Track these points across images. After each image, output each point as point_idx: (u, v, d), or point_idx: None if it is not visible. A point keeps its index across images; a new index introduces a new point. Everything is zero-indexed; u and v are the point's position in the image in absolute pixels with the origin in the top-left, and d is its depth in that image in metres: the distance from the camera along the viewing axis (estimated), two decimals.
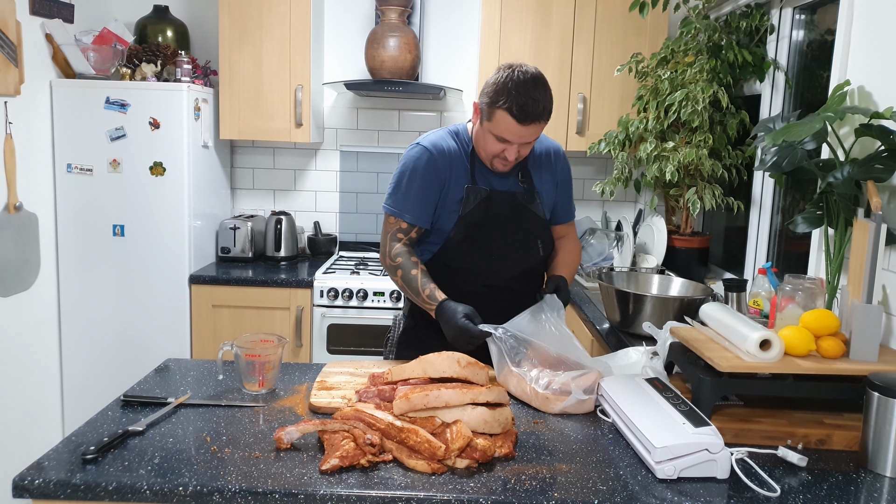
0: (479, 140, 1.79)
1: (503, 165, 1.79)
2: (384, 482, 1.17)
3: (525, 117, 1.66)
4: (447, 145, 1.84)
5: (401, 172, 1.83)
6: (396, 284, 1.84)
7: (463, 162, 1.83)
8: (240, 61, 3.17)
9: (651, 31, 3.12)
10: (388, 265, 1.84)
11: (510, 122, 1.67)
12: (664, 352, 1.66)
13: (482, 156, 1.81)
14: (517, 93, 1.65)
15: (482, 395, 1.32)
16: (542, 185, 1.91)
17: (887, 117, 1.56)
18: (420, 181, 1.80)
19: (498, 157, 1.76)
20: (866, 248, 1.49)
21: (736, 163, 2.77)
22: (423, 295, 1.73)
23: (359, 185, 3.63)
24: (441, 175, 1.81)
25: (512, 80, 1.67)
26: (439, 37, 3.52)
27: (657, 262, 2.90)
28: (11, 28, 2.58)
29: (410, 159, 1.83)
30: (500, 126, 1.69)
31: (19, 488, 1.15)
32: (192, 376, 1.65)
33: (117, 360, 3.02)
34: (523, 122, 1.67)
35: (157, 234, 2.98)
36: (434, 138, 1.85)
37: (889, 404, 1.26)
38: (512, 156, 1.74)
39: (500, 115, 1.67)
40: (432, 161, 1.80)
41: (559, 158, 1.95)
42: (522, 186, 1.87)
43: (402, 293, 1.91)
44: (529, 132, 1.70)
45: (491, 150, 1.76)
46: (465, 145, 1.85)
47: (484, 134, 1.75)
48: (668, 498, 1.15)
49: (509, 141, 1.71)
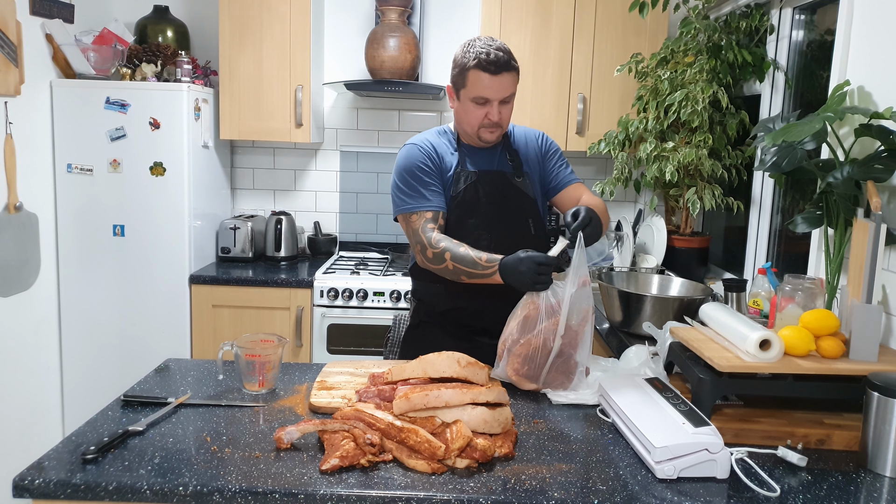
0: (461, 118, 1.85)
1: (490, 133, 1.83)
2: (384, 482, 1.17)
3: (496, 67, 1.75)
4: (434, 139, 1.91)
5: (399, 173, 1.86)
6: (445, 272, 1.76)
7: (450, 151, 1.90)
8: (240, 61, 3.17)
9: (651, 31, 3.12)
10: (431, 256, 1.77)
11: (483, 77, 1.76)
12: (664, 352, 1.66)
13: (468, 132, 1.86)
14: (482, 49, 1.76)
15: (482, 395, 1.32)
16: (529, 164, 1.95)
17: (887, 117, 1.56)
18: (420, 172, 1.83)
19: (482, 125, 1.81)
20: (866, 248, 1.49)
21: (736, 163, 2.77)
22: (483, 262, 1.69)
23: (359, 185, 3.63)
24: (435, 163, 1.86)
25: (473, 44, 1.79)
26: (439, 37, 3.52)
27: (657, 262, 2.90)
28: (11, 28, 2.58)
29: (403, 158, 1.87)
30: (476, 86, 1.77)
31: (19, 488, 1.15)
32: (192, 376, 1.65)
33: (117, 360, 3.02)
34: (495, 72, 1.75)
35: (157, 234, 2.98)
36: (419, 136, 1.93)
37: (889, 404, 1.26)
38: (494, 115, 1.79)
39: (474, 75, 1.77)
40: (423, 151, 1.86)
41: (542, 138, 2.01)
42: (510, 164, 1.91)
43: (451, 278, 1.77)
44: (504, 83, 1.77)
45: (474, 118, 1.81)
46: (451, 137, 1.93)
47: (464, 106, 1.82)
48: (667, 498, 1.15)
49: (488, 98, 1.77)
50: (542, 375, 1.59)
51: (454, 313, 1.92)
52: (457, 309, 1.91)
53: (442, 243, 1.75)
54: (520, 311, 1.62)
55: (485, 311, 1.87)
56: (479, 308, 1.87)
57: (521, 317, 1.60)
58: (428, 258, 1.78)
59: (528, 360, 1.58)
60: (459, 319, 1.92)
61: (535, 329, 1.57)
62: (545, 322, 1.57)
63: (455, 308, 1.91)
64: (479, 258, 1.70)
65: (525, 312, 1.59)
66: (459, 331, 1.91)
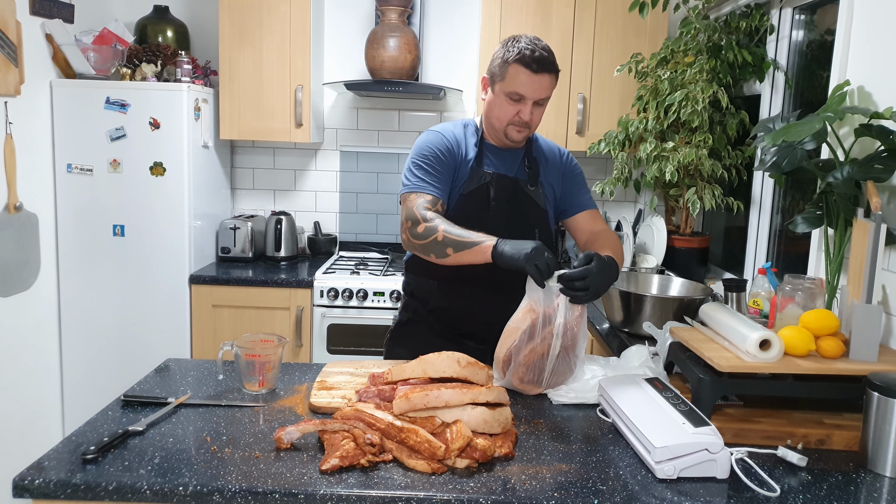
0: (492, 110, 1.82)
1: (518, 132, 1.80)
2: (384, 482, 1.17)
3: (539, 66, 1.72)
4: (457, 131, 1.89)
5: (415, 155, 1.83)
6: (432, 247, 1.67)
7: (472, 146, 1.87)
8: (240, 61, 3.17)
9: (651, 31, 3.12)
10: (420, 231, 1.68)
11: (524, 73, 1.73)
12: (664, 352, 1.66)
13: (496, 127, 1.83)
14: (527, 46, 1.74)
15: (482, 395, 1.32)
16: (547, 176, 1.92)
17: (887, 117, 1.56)
18: (435, 159, 1.81)
19: (512, 122, 1.79)
20: (866, 248, 1.49)
21: (736, 163, 2.77)
22: (474, 238, 1.62)
23: (359, 185, 3.63)
24: (453, 155, 1.83)
25: (520, 40, 1.76)
26: (439, 37, 3.52)
27: (657, 262, 2.90)
28: (11, 28, 2.58)
29: (423, 142, 1.84)
30: (515, 81, 1.74)
31: (19, 488, 1.15)
32: (192, 376, 1.65)
33: (117, 360, 3.02)
34: (537, 70, 1.73)
35: (157, 234, 2.98)
36: (444, 125, 1.91)
37: (889, 404, 1.26)
38: (526, 115, 1.77)
39: (514, 69, 1.74)
40: (444, 142, 1.83)
41: (566, 156, 1.98)
42: (527, 171, 1.88)
43: (436, 254, 1.68)
44: (543, 83, 1.75)
45: (505, 114, 1.78)
46: (475, 133, 1.89)
47: (497, 99, 1.79)
48: (667, 498, 1.15)
49: (524, 96, 1.75)
50: (546, 378, 1.59)
51: (442, 313, 1.90)
52: (445, 309, 1.89)
53: (436, 220, 1.68)
54: (521, 324, 1.57)
55: (474, 315, 1.86)
56: (468, 311, 1.87)
57: (524, 329, 1.56)
58: (416, 233, 1.70)
59: (532, 368, 1.58)
60: (447, 320, 1.91)
61: (539, 337, 1.56)
62: (546, 327, 1.56)
63: (444, 308, 1.89)
64: (470, 235, 1.63)
65: (528, 323, 1.56)
66: (447, 331, 1.90)
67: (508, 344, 1.58)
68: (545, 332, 1.55)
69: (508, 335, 1.58)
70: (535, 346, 1.55)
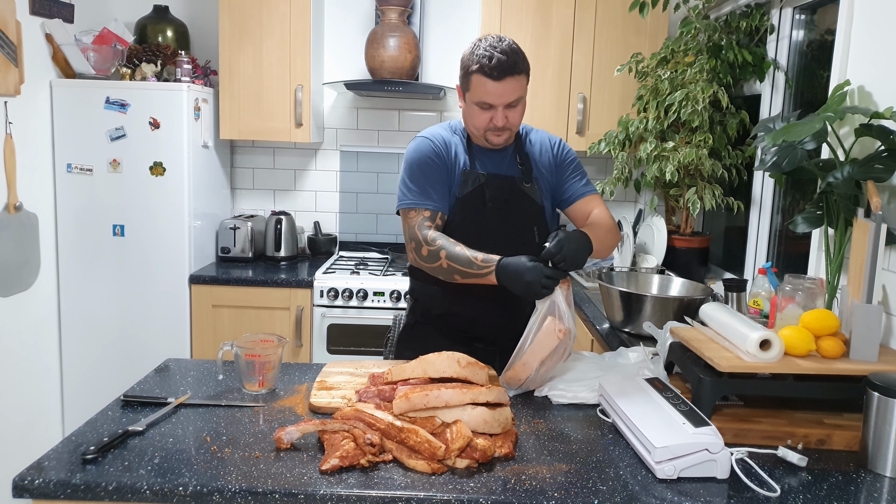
0: (468, 119, 1.80)
1: (497, 136, 1.78)
2: (384, 482, 1.17)
3: (499, 72, 1.68)
4: (445, 135, 1.87)
5: (408, 166, 1.83)
6: (439, 272, 1.71)
7: (461, 150, 1.85)
8: (240, 61, 3.17)
9: (651, 31, 3.13)
10: (425, 255, 1.72)
11: (485, 82, 1.70)
12: (664, 352, 1.66)
13: (475, 135, 1.82)
14: (485, 52, 1.69)
15: (482, 395, 1.32)
16: (540, 169, 1.90)
17: (887, 117, 1.56)
18: (428, 168, 1.80)
19: (488, 128, 1.77)
20: (866, 248, 1.49)
21: (736, 163, 2.77)
22: (478, 261, 1.64)
23: (359, 185, 3.63)
24: (444, 160, 1.82)
25: (479, 45, 1.72)
26: (439, 37, 3.52)
27: (657, 262, 2.90)
28: (11, 28, 2.58)
29: (413, 151, 1.84)
30: (479, 90, 1.71)
31: (19, 488, 1.15)
32: (192, 376, 1.65)
33: (117, 360, 3.02)
34: (497, 78, 1.69)
35: (157, 234, 2.98)
36: (431, 130, 1.88)
37: (889, 404, 1.25)
38: (500, 121, 1.74)
39: (476, 80, 1.71)
40: (434, 147, 1.82)
41: (558, 145, 1.95)
42: (520, 168, 1.87)
43: (444, 277, 1.72)
44: (507, 89, 1.71)
45: (479, 122, 1.77)
46: (462, 135, 1.88)
47: (469, 109, 1.78)
48: (668, 498, 1.15)
49: (492, 104, 1.72)
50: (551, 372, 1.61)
51: (449, 318, 1.90)
52: (452, 314, 1.89)
53: (438, 241, 1.71)
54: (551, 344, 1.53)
55: (480, 320, 1.86)
56: (475, 316, 1.86)
57: (554, 347, 1.54)
58: (422, 256, 1.74)
59: (549, 371, 1.59)
60: (454, 324, 1.90)
61: (563, 347, 1.56)
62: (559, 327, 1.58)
63: (450, 313, 1.89)
64: (474, 258, 1.65)
65: (556, 342, 1.54)
66: (455, 334, 1.89)
67: (536, 357, 1.55)
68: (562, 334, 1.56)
69: (529, 354, 1.54)
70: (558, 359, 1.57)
